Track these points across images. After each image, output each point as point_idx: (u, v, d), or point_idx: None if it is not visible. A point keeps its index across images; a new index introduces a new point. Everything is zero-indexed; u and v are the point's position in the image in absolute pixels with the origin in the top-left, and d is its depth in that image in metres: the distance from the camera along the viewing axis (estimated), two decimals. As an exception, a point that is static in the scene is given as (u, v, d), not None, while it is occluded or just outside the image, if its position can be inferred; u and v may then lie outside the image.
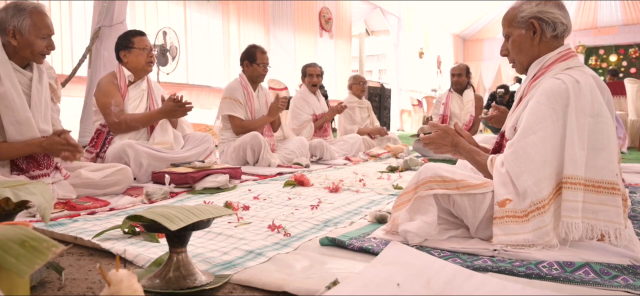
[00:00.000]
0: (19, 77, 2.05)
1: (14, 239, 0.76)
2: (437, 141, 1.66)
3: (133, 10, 5.58)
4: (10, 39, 2.01)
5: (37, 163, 2.11)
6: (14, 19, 2.00)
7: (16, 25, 2.00)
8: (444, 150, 1.66)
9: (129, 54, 2.91)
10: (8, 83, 1.99)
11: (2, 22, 2.01)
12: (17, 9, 2.02)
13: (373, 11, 10.49)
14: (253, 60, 3.83)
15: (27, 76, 2.09)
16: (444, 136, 1.65)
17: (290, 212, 1.98)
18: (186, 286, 1.06)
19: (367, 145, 5.12)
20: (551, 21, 1.48)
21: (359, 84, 5.38)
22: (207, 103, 6.61)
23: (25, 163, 2.09)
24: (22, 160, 2.08)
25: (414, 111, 11.89)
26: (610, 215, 1.32)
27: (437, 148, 1.67)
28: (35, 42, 2.04)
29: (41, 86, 2.14)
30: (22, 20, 2.01)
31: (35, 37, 2.04)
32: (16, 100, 2.00)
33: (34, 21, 2.03)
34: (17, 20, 2.00)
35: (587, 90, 1.37)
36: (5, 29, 2.00)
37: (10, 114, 1.99)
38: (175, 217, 1.04)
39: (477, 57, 15.26)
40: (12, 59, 2.04)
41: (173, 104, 2.87)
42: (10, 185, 1.14)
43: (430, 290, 0.98)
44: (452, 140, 1.64)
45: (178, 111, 2.91)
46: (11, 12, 2.01)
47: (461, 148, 1.63)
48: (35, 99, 2.09)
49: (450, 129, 1.66)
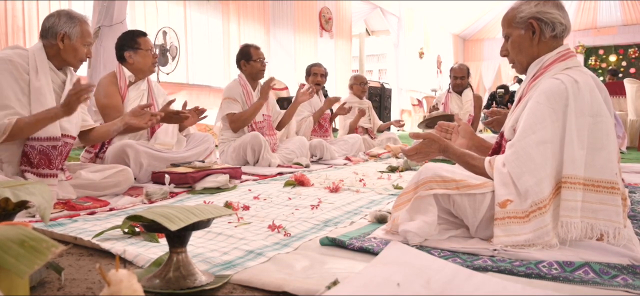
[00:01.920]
0: (53, 77, 2.19)
1: (13, 239, 0.76)
2: (423, 150, 1.60)
3: (133, 10, 5.58)
4: (58, 42, 2.16)
5: (48, 161, 2.12)
6: (66, 25, 2.17)
7: (67, 31, 2.17)
8: (432, 156, 1.62)
9: (135, 54, 2.91)
10: (44, 80, 2.12)
11: (53, 26, 2.17)
12: (69, 16, 2.21)
13: (373, 11, 10.49)
14: (249, 58, 3.83)
15: (61, 78, 2.23)
16: (430, 144, 1.60)
17: (291, 211, 1.98)
18: (186, 287, 1.06)
19: (367, 145, 5.13)
20: (550, 21, 1.48)
21: (360, 84, 5.39)
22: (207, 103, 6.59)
23: (37, 158, 2.10)
24: (35, 153, 2.09)
25: (414, 111, 11.89)
26: (610, 215, 1.32)
27: (424, 157, 1.62)
28: (80, 48, 2.22)
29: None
30: (73, 27, 2.19)
31: (81, 44, 2.22)
32: (48, 96, 2.12)
33: (82, 30, 2.22)
34: (68, 27, 2.18)
35: (586, 90, 1.37)
36: (56, 33, 2.16)
37: (40, 108, 2.07)
38: (175, 217, 1.04)
39: (477, 57, 15.25)
40: (50, 60, 2.19)
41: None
42: (10, 185, 1.14)
43: (430, 290, 0.98)
44: (439, 146, 1.59)
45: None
46: (64, 19, 2.19)
47: (451, 153, 1.58)
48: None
49: (436, 135, 1.63)
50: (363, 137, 5.13)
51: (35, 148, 2.09)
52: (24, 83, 2.08)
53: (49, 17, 2.22)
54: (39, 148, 2.09)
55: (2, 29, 4.44)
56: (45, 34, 2.18)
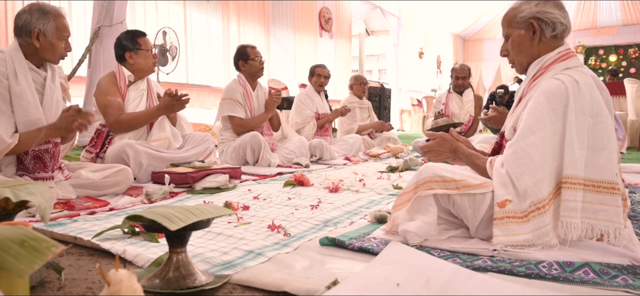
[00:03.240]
0: (34, 76, 2.09)
1: (13, 239, 0.76)
2: (436, 148, 1.66)
3: (133, 10, 5.58)
4: (33, 41, 2.04)
5: (43, 164, 2.12)
6: (39, 22, 2.04)
7: (41, 28, 2.04)
8: (443, 156, 1.67)
9: (136, 55, 2.91)
10: (24, 83, 2.03)
11: (26, 24, 2.03)
12: (42, 12, 2.05)
13: (373, 11, 10.49)
14: (247, 58, 3.84)
15: (42, 75, 2.13)
16: (442, 143, 1.65)
17: (290, 211, 1.98)
18: (186, 286, 1.06)
19: (367, 145, 5.13)
20: (550, 21, 1.48)
21: (360, 85, 5.39)
22: (207, 103, 6.61)
23: (31, 163, 2.09)
24: (29, 159, 2.09)
25: (414, 111, 11.89)
26: (610, 215, 1.32)
27: (436, 156, 1.67)
28: (57, 44, 2.09)
29: (54, 85, 2.19)
30: (47, 23, 2.05)
31: (57, 39, 2.09)
32: (30, 100, 2.04)
33: (57, 24, 2.08)
34: (42, 24, 2.04)
35: (586, 90, 1.37)
36: (30, 31, 2.03)
37: (24, 113, 2.03)
38: (175, 217, 1.04)
39: (477, 57, 15.25)
40: (28, 58, 2.08)
41: (170, 99, 2.86)
42: (10, 185, 1.13)
43: (430, 290, 0.98)
44: (450, 146, 1.64)
45: (176, 105, 2.90)
46: (36, 15, 2.04)
47: (460, 153, 1.63)
48: (48, 98, 2.14)
49: (448, 135, 1.66)
50: (363, 137, 5.13)
51: (28, 153, 2.09)
52: (4, 89, 1.98)
53: (21, 14, 2.06)
54: (32, 154, 2.10)
55: (3, 29, 4.44)
56: (19, 33, 2.05)
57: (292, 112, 4.83)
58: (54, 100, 2.17)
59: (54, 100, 2.17)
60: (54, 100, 2.18)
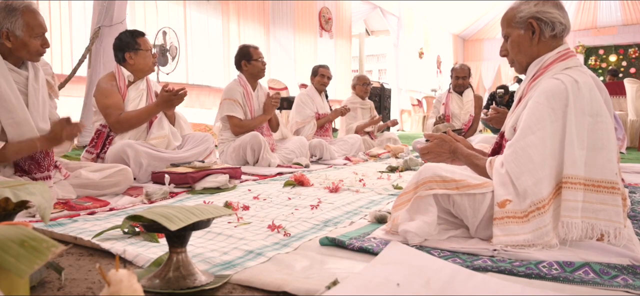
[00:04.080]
0: (15, 77, 2.02)
1: (13, 239, 0.76)
2: (435, 150, 1.67)
3: (133, 10, 5.58)
4: (4, 41, 1.96)
5: (38, 165, 2.11)
6: (6, 20, 1.95)
7: (9, 28, 1.95)
8: (442, 157, 1.67)
9: (136, 55, 2.90)
10: (4, 85, 1.95)
11: None
12: (8, 9, 1.96)
13: (373, 11, 10.49)
14: (250, 58, 3.84)
15: (23, 75, 2.06)
16: (441, 144, 1.66)
17: (290, 212, 1.98)
18: (186, 286, 1.06)
19: (367, 145, 5.13)
20: (550, 21, 1.48)
21: (362, 85, 5.39)
22: (207, 103, 6.61)
23: (27, 165, 2.09)
24: (25, 162, 2.08)
25: (414, 111, 11.89)
26: (610, 215, 1.32)
27: (435, 157, 1.68)
28: (30, 42, 2.00)
29: (38, 84, 2.12)
30: (15, 21, 1.96)
31: (29, 37, 1.99)
32: (13, 101, 1.97)
33: (26, 21, 1.98)
34: (9, 22, 1.95)
35: (586, 90, 1.37)
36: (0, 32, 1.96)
37: (8, 116, 1.97)
38: (175, 217, 1.04)
39: (477, 57, 15.25)
40: (6, 59, 2.00)
41: (167, 94, 2.85)
42: (10, 185, 1.13)
43: (429, 290, 0.98)
44: (449, 146, 1.65)
45: (174, 100, 2.88)
46: (2, 13, 1.96)
47: (460, 154, 1.63)
48: (32, 98, 2.08)
49: (447, 136, 1.67)
50: (363, 137, 5.13)
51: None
52: None
53: None
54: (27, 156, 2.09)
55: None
56: None
57: (292, 112, 4.83)
58: (39, 100, 2.11)
59: (39, 100, 2.11)
60: (40, 100, 2.12)
